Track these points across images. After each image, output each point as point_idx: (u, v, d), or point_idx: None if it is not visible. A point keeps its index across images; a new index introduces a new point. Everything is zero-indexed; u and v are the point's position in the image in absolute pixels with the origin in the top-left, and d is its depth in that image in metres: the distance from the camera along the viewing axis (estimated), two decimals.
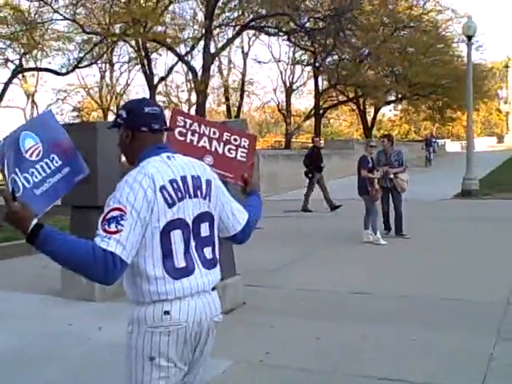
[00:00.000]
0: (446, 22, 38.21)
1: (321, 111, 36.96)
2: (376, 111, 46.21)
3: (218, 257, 2.46)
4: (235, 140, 4.32)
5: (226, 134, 4.29)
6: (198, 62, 31.76)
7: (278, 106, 53.31)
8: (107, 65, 44.19)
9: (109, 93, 49.76)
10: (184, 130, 4.25)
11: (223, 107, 47.64)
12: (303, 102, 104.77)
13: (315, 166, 15.04)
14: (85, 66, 31.09)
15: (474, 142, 68.07)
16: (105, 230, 2.14)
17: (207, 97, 24.42)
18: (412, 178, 11.31)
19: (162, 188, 2.24)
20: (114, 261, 2.10)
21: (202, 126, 4.25)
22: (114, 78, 48.84)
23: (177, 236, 2.28)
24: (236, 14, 25.96)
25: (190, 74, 43.68)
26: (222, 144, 4.27)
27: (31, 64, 34.65)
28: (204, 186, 2.40)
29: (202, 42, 29.38)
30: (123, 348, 2.38)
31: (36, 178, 2.72)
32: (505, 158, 35.84)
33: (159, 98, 39.03)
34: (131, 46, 34.44)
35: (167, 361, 2.27)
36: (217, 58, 31.03)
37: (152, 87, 33.50)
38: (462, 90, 38.84)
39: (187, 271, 2.30)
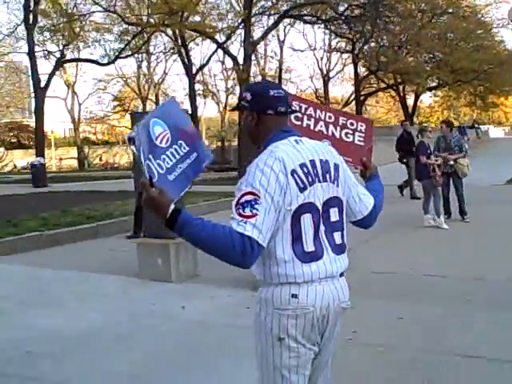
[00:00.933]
0: (485, 8, 37.64)
1: (361, 98, 36.77)
2: (416, 97, 45.74)
3: (346, 243, 2.43)
4: (352, 124, 4.30)
5: (341, 118, 4.28)
6: (234, 51, 31.83)
7: (315, 93, 53.27)
8: (144, 55, 44.54)
9: (146, 82, 50.40)
10: (300, 115, 4.25)
11: None
12: (339, 89, 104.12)
13: (407, 150, 14.63)
14: (125, 57, 31.38)
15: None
16: (240, 215, 2.15)
17: None
18: None
19: (293, 172, 2.24)
20: (251, 245, 2.11)
21: (318, 111, 4.25)
22: (151, 68, 49.41)
23: (307, 220, 2.27)
24: (270, 3, 25.89)
25: (225, 63, 44.07)
26: (338, 128, 4.26)
27: (71, 55, 35.21)
28: (332, 171, 2.38)
29: (238, 31, 29.63)
30: (208, 325, 2.40)
31: (168, 164, 2.77)
32: None
33: (198, 87, 39.26)
34: (168, 36, 34.67)
35: (296, 342, 2.29)
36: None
37: (191, 76, 33.68)
38: (504, 76, 38.44)
39: (316, 256, 2.29)
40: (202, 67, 37.09)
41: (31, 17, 25.15)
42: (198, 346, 4.88)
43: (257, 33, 28.18)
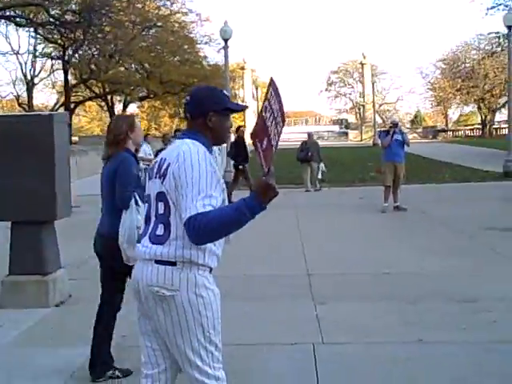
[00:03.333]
0: (191, 24, 39.94)
1: (72, 106, 35.99)
2: (124, 107, 46.35)
3: (173, 235, 2.62)
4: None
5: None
6: None
7: (17, 99, 50.51)
8: None
9: None
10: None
11: None
12: (44, 96, 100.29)
13: (244, 156, 14.91)
14: None
15: None
16: None
17: None
18: None
19: (150, 168, 2.84)
20: None
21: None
22: None
23: (145, 208, 2.82)
24: None
25: None
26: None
27: None
28: (163, 169, 2.67)
29: None
30: None
31: None
32: None
33: None
34: None
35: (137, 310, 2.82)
36: None
37: None
38: None
39: (139, 239, 2.79)
40: None
41: None
42: None
43: None
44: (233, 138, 15.53)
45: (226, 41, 20.18)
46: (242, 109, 3.15)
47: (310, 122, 76.93)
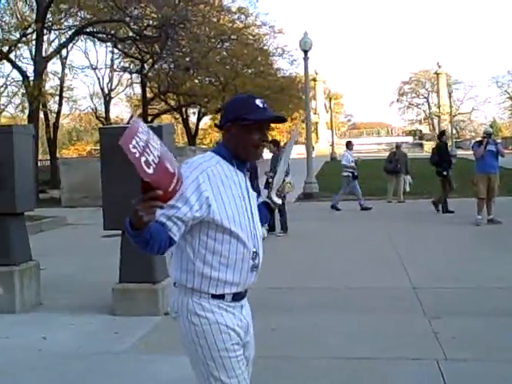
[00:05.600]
0: (264, 37, 40.23)
1: (149, 119, 36.79)
2: (199, 119, 47.07)
3: (174, 256, 2.58)
4: None
5: None
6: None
7: (95, 113, 52.16)
8: None
9: None
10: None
11: (26, 113, 45.21)
12: (119, 110, 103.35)
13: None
14: None
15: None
16: None
17: (40, 102, 23.19)
18: None
19: None
20: None
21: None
22: None
23: None
24: (71, 20, 25.07)
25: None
26: None
27: None
28: None
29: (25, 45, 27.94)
30: (81, 355, 2.44)
31: None
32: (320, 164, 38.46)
33: None
34: None
35: None
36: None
37: None
38: (283, 101, 41.41)
39: None
40: None
41: None
42: (77, 378, 4.54)
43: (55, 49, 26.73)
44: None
45: (305, 52, 20.14)
46: (264, 118, 2.54)
47: (383, 133, 75.96)
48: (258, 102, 2.52)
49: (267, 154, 11.96)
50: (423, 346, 5.03)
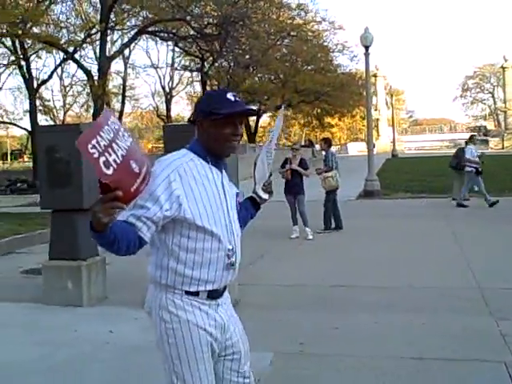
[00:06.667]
0: (324, 33, 40.03)
1: None
2: (259, 117, 47.24)
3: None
4: None
5: None
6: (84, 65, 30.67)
7: (156, 111, 53.10)
8: None
9: None
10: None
11: (91, 111, 46.31)
12: (179, 108, 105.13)
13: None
14: None
15: (348, 146, 71.03)
16: None
17: (104, 101, 23.79)
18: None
19: None
20: None
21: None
22: None
23: None
24: (133, 20, 25.62)
25: (63, 78, 42.25)
26: None
27: None
28: None
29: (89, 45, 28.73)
30: (145, 348, 2.45)
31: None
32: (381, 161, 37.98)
33: (40, 102, 37.31)
34: (6, 47, 32.66)
35: None
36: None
37: (31, 91, 31.99)
38: (343, 97, 41.16)
39: None
40: (44, 82, 35.40)
41: None
42: (143, 371, 4.62)
43: (119, 48, 27.40)
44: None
45: (366, 47, 19.88)
46: (233, 112, 2.44)
47: (446, 129, 74.37)
48: (230, 95, 2.47)
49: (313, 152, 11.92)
50: (490, 347, 4.90)
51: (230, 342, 2.59)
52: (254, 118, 49.08)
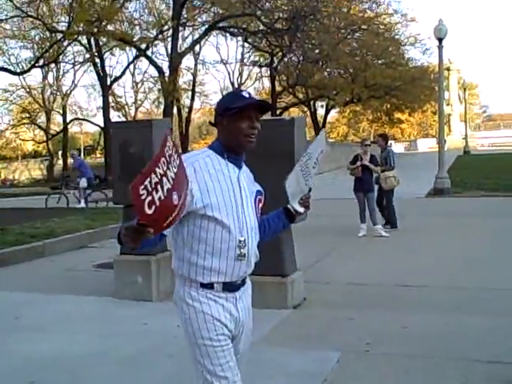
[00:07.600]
0: (395, 25, 39.26)
1: (277, 112, 37.23)
2: (327, 112, 46.94)
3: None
4: None
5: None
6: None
7: None
8: (51, 65, 42.66)
9: (52, 93, 48.17)
10: None
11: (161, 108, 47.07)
12: None
13: None
14: (42, 66, 30.18)
15: (417, 143, 69.51)
16: None
17: (174, 97, 24.21)
18: None
19: None
20: None
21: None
22: (59, 78, 47.32)
23: None
24: (204, 16, 25.97)
25: (134, 75, 43.22)
26: None
27: None
28: None
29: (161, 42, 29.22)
30: None
31: None
32: (452, 158, 37.03)
33: (112, 99, 38.32)
34: (82, 45, 33.68)
35: None
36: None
37: (105, 88, 32.92)
38: (414, 92, 40.28)
39: None
40: (117, 78, 36.37)
41: None
42: None
43: (190, 44, 27.85)
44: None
45: (440, 40, 19.38)
46: (245, 103, 2.51)
47: None
48: (244, 93, 2.60)
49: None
50: None
51: (239, 339, 2.68)
52: (323, 113, 48.87)
